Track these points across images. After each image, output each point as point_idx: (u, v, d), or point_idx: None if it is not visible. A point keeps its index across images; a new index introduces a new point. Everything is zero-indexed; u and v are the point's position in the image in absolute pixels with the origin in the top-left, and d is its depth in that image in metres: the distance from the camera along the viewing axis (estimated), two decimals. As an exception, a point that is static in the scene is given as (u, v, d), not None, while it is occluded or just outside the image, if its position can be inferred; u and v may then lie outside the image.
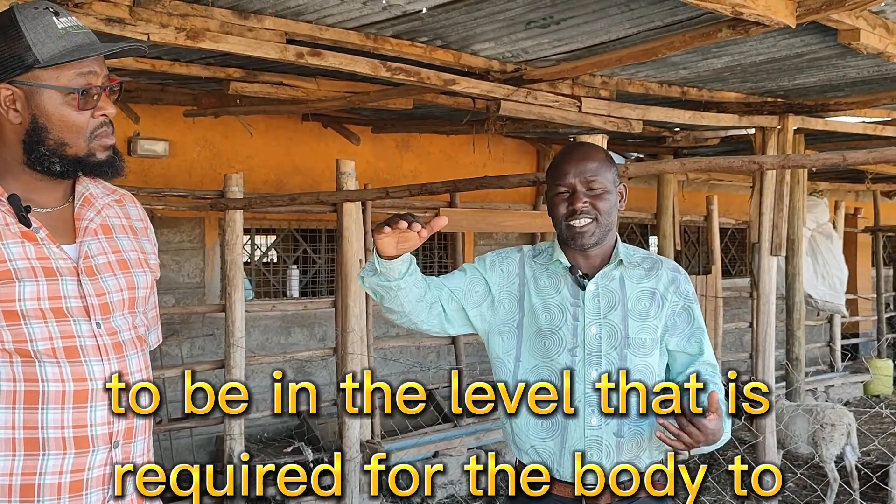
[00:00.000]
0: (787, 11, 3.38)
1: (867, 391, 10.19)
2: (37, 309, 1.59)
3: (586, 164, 2.25)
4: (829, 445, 6.07)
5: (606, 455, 2.20)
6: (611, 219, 2.27)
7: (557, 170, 2.28)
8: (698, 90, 5.52)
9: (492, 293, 2.32)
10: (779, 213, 6.02)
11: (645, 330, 2.25)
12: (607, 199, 2.24)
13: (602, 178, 2.24)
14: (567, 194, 2.24)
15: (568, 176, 2.24)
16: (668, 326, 2.29)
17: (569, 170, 2.25)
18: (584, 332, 2.23)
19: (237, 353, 5.64)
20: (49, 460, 1.59)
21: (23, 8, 1.64)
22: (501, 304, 2.32)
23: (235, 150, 7.24)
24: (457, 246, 7.49)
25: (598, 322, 2.24)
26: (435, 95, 5.49)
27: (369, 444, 5.77)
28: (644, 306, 2.26)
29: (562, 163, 2.28)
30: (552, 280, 2.30)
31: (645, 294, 2.28)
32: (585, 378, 2.21)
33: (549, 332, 2.25)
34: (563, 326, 2.24)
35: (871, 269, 12.27)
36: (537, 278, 2.31)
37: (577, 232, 2.22)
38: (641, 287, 2.28)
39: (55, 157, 1.65)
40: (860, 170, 9.60)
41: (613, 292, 2.26)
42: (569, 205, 2.23)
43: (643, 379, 2.22)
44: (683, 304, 2.30)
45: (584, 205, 2.21)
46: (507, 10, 3.74)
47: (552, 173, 2.30)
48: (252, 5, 3.67)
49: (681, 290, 2.31)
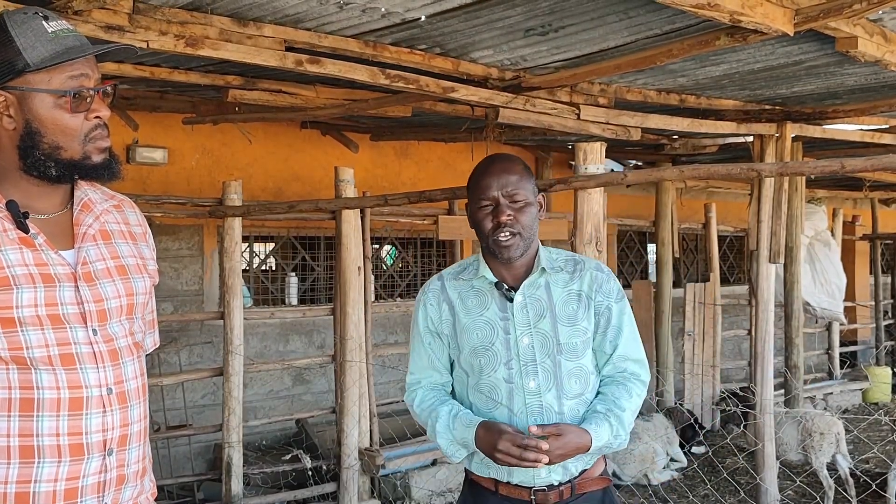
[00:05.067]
0: (784, 19, 3.39)
1: (866, 399, 10.19)
2: (34, 316, 1.58)
3: (507, 177, 2.29)
4: (818, 454, 6.07)
5: None
6: (533, 230, 2.32)
7: (479, 183, 2.31)
8: (696, 98, 5.53)
9: (438, 334, 2.41)
10: (777, 220, 6.02)
11: (576, 334, 2.30)
12: (529, 212, 2.30)
13: (523, 191, 2.29)
14: (490, 207, 2.29)
15: (491, 189, 2.28)
16: (595, 326, 2.34)
17: (491, 183, 2.29)
18: (517, 343, 2.29)
19: (235, 360, 5.64)
20: (44, 468, 1.59)
21: (12, 14, 1.64)
22: (445, 335, 2.40)
23: (234, 158, 7.24)
24: (455, 253, 7.49)
25: (530, 332, 2.29)
26: (434, 103, 5.50)
27: (367, 452, 5.75)
28: (572, 309, 2.31)
29: (483, 176, 2.31)
30: (479, 297, 2.35)
31: (571, 297, 2.32)
32: (524, 389, 2.27)
33: (483, 349, 2.31)
34: (496, 341, 2.30)
35: (870, 276, 12.27)
36: (464, 298, 2.37)
37: (503, 246, 2.27)
38: (567, 291, 2.33)
39: (50, 161, 1.64)
40: (858, 177, 9.61)
41: (540, 300, 2.31)
42: (493, 218, 2.28)
43: (579, 381, 2.30)
44: (607, 303, 2.34)
45: (509, 217, 2.26)
46: (505, 18, 3.74)
47: (474, 187, 2.33)
48: (251, 13, 3.68)
49: (603, 290, 2.35)
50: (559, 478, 2.29)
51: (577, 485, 2.31)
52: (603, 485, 2.37)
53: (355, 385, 5.72)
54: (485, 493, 2.37)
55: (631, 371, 2.35)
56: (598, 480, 2.36)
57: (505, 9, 3.61)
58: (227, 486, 5.61)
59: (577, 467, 2.30)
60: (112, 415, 1.65)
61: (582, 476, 2.32)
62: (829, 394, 9.65)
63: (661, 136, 7.26)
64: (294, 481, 6.17)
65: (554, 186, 4.13)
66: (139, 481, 1.75)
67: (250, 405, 6.79)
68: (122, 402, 1.67)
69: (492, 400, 2.30)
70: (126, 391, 1.69)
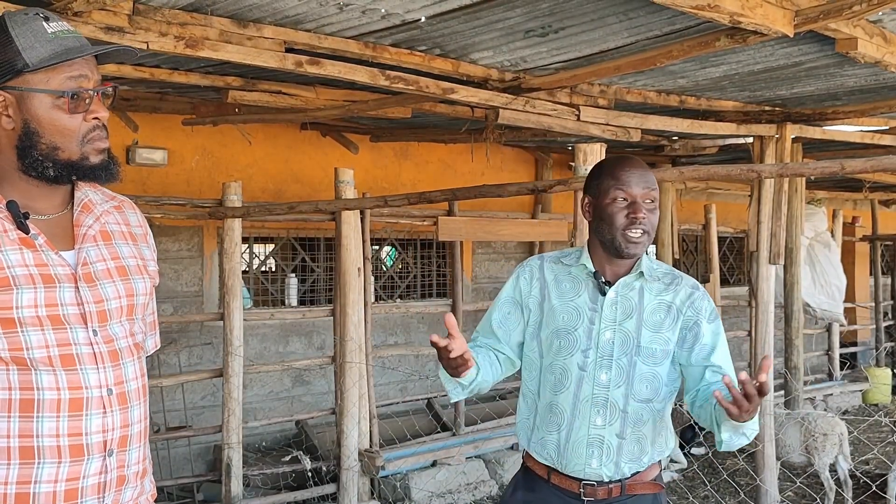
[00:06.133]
0: (784, 20, 3.39)
1: (865, 400, 10.18)
2: (34, 316, 1.58)
3: (648, 177, 2.33)
4: (821, 455, 6.06)
5: (607, 454, 2.30)
6: (654, 234, 2.37)
7: (619, 178, 2.32)
8: (696, 99, 5.53)
9: (522, 306, 2.44)
10: (777, 221, 6.02)
11: (657, 340, 2.32)
12: (657, 215, 2.36)
13: (657, 192, 2.35)
14: (627, 202, 2.30)
15: (631, 185, 2.30)
16: (680, 339, 2.35)
17: (632, 179, 2.31)
18: (599, 336, 2.32)
19: (235, 361, 5.63)
20: (44, 469, 1.59)
21: (13, 14, 1.65)
22: (528, 310, 2.43)
23: (234, 159, 7.24)
24: (455, 254, 7.48)
25: (613, 328, 2.32)
26: (433, 104, 5.50)
27: (367, 453, 5.75)
28: (659, 318, 2.33)
29: (623, 170, 2.33)
30: (573, 283, 2.39)
31: (661, 306, 2.35)
32: (595, 379, 2.31)
33: (565, 332, 2.34)
34: (580, 328, 2.33)
35: (870, 277, 12.27)
36: (559, 281, 2.41)
37: (632, 242, 2.29)
38: (659, 299, 2.35)
39: (48, 162, 1.64)
40: (858, 178, 9.60)
41: (631, 301, 2.34)
42: (630, 213, 2.29)
43: (650, 386, 2.31)
44: (696, 319, 2.35)
45: (644, 216, 2.29)
46: (505, 19, 3.74)
47: (610, 178, 2.33)
48: (251, 14, 3.68)
49: (695, 306, 2.36)
50: (610, 474, 2.30)
51: (628, 485, 2.32)
52: (654, 490, 2.37)
53: (355, 386, 5.72)
54: (538, 481, 2.40)
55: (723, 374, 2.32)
56: (650, 485, 2.37)
57: (505, 10, 3.61)
58: (226, 487, 5.61)
59: (630, 468, 2.32)
60: (112, 416, 1.65)
61: (634, 477, 2.33)
62: (829, 395, 9.65)
63: (661, 137, 7.26)
64: (294, 482, 6.17)
65: (554, 187, 4.13)
66: (139, 482, 1.75)
67: (250, 406, 6.79)
68: (122, 403, 1.67)
69: (560, 382, 2.33)
70: (126, 392, 1.69)
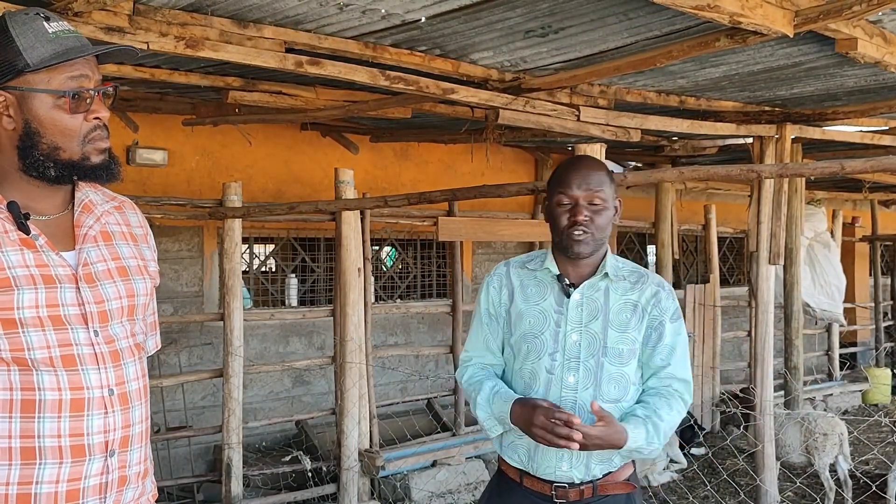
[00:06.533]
0: (784, 21, 3.39)
1: (865, 400, 10.18)
2: (35, 317, 1.58)
3: (591, 178, 2.33)
4: (821, 455, 6.06)
5: (577, 456, 2.31)
6: (605, 233, 2.36)
7: (562, 180, 2.35)
8: (696, 99, 5.53)
9: (496, 316, 2.47)
10: (777, 222, 6.02)
11: (623, 341, 2.33)
12: (605, 215, 2.34)
13: (603, 193, 2.33)
14: (570, 206, 2.33)
15: (572, 188, 2.32)
16: (645, 338, 2.37)
17: (573, 182, 2.33)
18: (565, 338, 2.34)
19: (235, 361, 5.64)
20: (45, 469, 1.59)
21: (14, 14, 1.65)
22: (502, 317, 2.46)
23: (234, 159, 7.24)
24: (455, 255, 7.49)
25: (579, 330, 2.34)
26: (434, 104, 5.50)
27: (367, 453, 5.75)
28: (625, 318, 2.35)
29: (567, 174, 2.35)
30: (539, 287, 2.41)
31: (628, 306, 2.36)
32: (563, 382, 2.32)
33: (532, 336, 2.36)
34: (546, 331, 2.35)
35: (869, 278, 12.28)
36: (525, 286, 2.43)
37: (574, 240, 2.31)
38: (625, 299, 2.36)
39: (49, 162, 1.64)
40: (858, 179, 9.61)
41: (597, 302, 2.35)
42: (570, 216, 2.32)
43: (617, 387, 2.33)
44: (661, 318, 2.37)
45: (585, 218, 2.30)
46: (505, 20, 3.74)
47: (556, 183, 2.37)
48: (251, 14, 3.68)
49: (661, 305, 2.38)
50: (580, 476, 2.32)
51: (600, 486, 2.34)
52: (627, 490, 2.38)
53: (355, 386, 5.72)
54: (511, 484, 2.43)
55: (675, 388, 2.38)
56: (623, 485, 2.38)
57: (505, 10, 3.61)
58: (226, 487, 5.61)
59: (601, 469, 2.33)
60: (114, 416, 1.65)
61: (606, 478, 2.34)
62: (828, 395, 9.65)
63: (661, 137, 7.26)
64: (294, 482, 6.17)
65: (554, 188, 4.13)
66: (141, 483, 1.75)
67: (250, 406, 6.79)
68: (123, 404, 1.67)
69: (530, 387, 2.35)
70: (128, 392, 1.69)
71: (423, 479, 6.15)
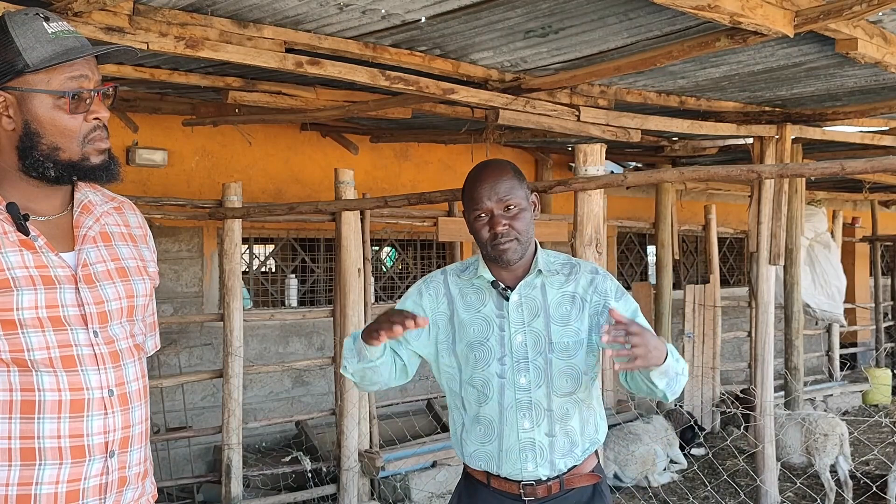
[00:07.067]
0: (785, 21, 3.39)
1: (865, 400, 10.18)
2: (34, 318, 1.58)
3: (499, 186, 2.31)
4: (822, 455, 6.06)
5: (541, 454, 2.32)
6: (529, 234, 2.35)
7: (472, 195, 2.34)
8: (696, 100, 5.53)
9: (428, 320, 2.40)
10: (777, 222, 6.02)
11: (567, 333, 2.33)
12: (523, 217, 2.33)
13: (515, 197, 2.32)
14: (486, 218, 2.32)
15: (483, 200, 2.31)
16: (593, 326, 2.35)
17: (483, 194, 2.32)
18: (511, 340, 2.33)
19: (235, 362, 5.63)
20: (45, 470, 1.58)
21: (13, 15, 1.65)
22: (437, 327, 2.42)
23: (234, 160, 7.24)
24: (455, 255, 7.48)
25: (523, 330, 2.33)
26: (434, 105, 5.50)
27: (367, 454, 5.75)
28: (565, 310, 2.34)
29: (475, 187, 2.34)
30: (478, 294, 2.40)
31: (566, 299, 2.36)
32: (515, 384, 2.32)
33: (478, 343, 2.35)
34: (491, 337, 2.34)
35: (869, 278, 12.28)
36: (464, 294, 2.41)
37: (502, 251, 2.31)
38: (562, 292, 2.36)
39: (49, 163, 1.64)
40: (858, 179, 9.61)
41: (535, 300, 2.35)
42: (490, 228, 2.31)
43: (569, 380, 2.32)
44: (604, 302, 2.35)
45: (504, 227, 2.30)
46: (505, 20, 3.74)
47: (467, 197, 2.36)
48: (251, 14, 3.68)
49: (599, 290, 2.37)
50: (547, 472, 2.33)
51: (566, 480, 2.35)
52: (593, 481, 2.40)
53: (355, 387, 5.71)
54: (478, 486, 2.42)
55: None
56: (588, 476, 2.39)
57: (505, 10, 3.61)
58: (226, 488, 5.61)
59: (565, 463, 2.34)
60: (113, 417, 1.65)
61: (571, 472, 2.36)
62: (829, 395, 9.65)
63: (661, 137, 7.26)
64: (294, 483, 6.17)
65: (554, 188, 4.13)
66: (141, 483, 1.75)
67: (250, 407, 6.79)
68: (123, 404, 1.67)
69: (483, 394, 2.35)
70: (127, 393, 1.69)
71: (423, 480, 6.15)
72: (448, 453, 6.36)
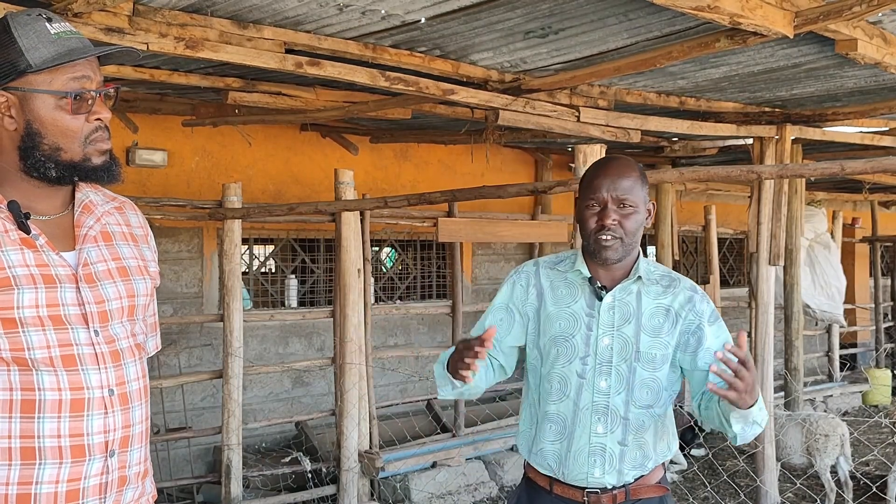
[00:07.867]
0: (784, 21, 3.39)
1: (865, 401, 10.18)
2: (35, 316, 1.58)
3: (620, 181, 2.26)
4: (823, 456, 6.05)
5: (610, 462, 2.26)
6: (636, 237, 2.30)
7: (591, 183, 2.29)
8: (696, 100, 5.53)
9: (518, 314, 2.39)
10: (777, 222, 6.02)
11: (656, 345, 2.28)
12: (635, 219, 2.27)
13: (634, 197, 2.27)
14: (598, 209, 2.27)
15: (600, 190, 2.26)
16: (681, 344, 2.31)
17: (602, 184, 2.27)
18: (597, 342, 2.28)
19: (235, 362, 5.63)
20: (45, 469, 1.59)
21: (16, 15, 1.65)
22: (527, 317, 2.39)
23: (234, 160, 7.24)
24: (455, 255, 7.48)
25: (611, 334, 2.28)
26: (433, 105, 5.50)
27: (367, 455, 5.75)
28: (658, 322, 2.29)
29: (596, 176, 2.29)
30: (570, 289, 2.34)
31: (660, 310, 2.30)
32: (594, 387, 2.27)
33: (563, 339, 2.30)
34: (577, 335, 2.29)
35: (869, 278, 12.27)
36: (555, 287, 2.36)
37: (602, 246, 2.25)
38: (657, 303, 2.31)
39: (50, 163, 1.64)
40: (858, 180, 9.61)
41: (629, 306, 2.30)
42: (598, 220, 2.26)
43: (650, 392, 2.27)
44: (698, 323, 2.30)
45: (613, 222, 2.24)
46: (505, 21, 3.75)
47: (585, 185, 2.31)
48: (251, 15, 3.68)
49: (696, 310, 2.32)
50: (613, 481, 2.27)
51: (632, 490, 2.29)
52: (659, 493, 2.35)
53: (355, 387, 5.72)
54: (540, 492, 2.37)
55: None
56: (655, 488, 2.34)
57: (505, 11, 3.61)
58: (226, 488, 5.61)
59: (632, 474, 2.29)
60: (114, 416, 1.65)
61: (637, 482, 2.30)
62: (828, 396, 9.65)
63: (661, 138, 7.26)
64: (294, 484, 6.17)
65: (554, 188, 4.14)
66: (141, 483, 1.75)
67: (250, 407, 6.79)
68: (123, 404, 1.67)
69: (560, 391, 2.30)
70: (128, 392, 1.69)
71: (423, 481, 6.15)
72: (448, 454, 6.36)
